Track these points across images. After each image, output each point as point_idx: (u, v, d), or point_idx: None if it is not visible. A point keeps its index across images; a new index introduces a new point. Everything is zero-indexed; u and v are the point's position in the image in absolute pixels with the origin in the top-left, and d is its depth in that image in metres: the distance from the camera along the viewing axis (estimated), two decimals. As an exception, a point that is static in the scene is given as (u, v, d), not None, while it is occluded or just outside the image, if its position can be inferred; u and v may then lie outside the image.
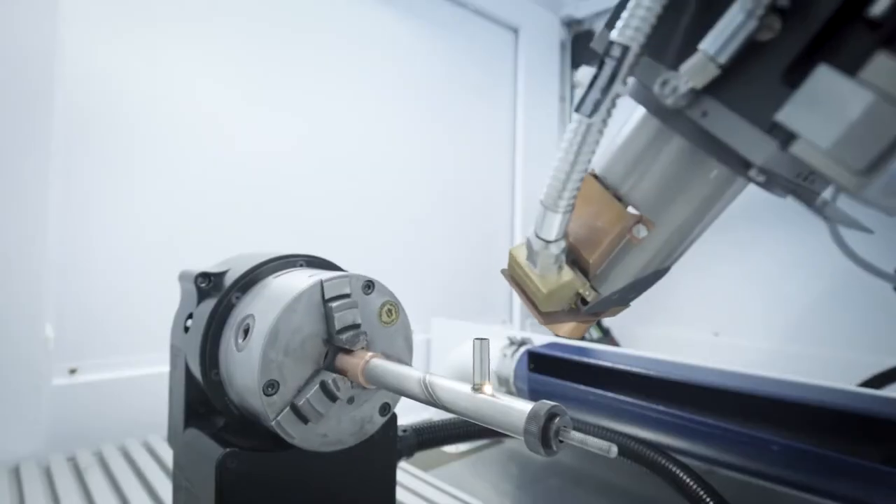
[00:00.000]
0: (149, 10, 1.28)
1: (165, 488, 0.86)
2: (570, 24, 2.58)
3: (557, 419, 0.35)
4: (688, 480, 0.82)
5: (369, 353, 0.49)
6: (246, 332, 0.51)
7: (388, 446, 0.59)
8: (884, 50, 0.23)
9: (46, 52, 1.04)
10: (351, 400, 0.52)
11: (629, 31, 0.28)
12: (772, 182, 0.30)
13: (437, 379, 0.43)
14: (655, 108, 0.31)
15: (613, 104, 0.29)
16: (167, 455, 1.00)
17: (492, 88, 2.05)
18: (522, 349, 1.29)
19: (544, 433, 0.35)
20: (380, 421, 0.55)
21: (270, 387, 0.48)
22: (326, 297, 0.50)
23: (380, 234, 1.69)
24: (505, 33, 2.10)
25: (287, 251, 0.61)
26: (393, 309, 0.55)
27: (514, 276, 0.38)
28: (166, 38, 1.31)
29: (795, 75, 0.26)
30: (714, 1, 0.28)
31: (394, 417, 0.58)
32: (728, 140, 0.28)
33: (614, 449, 0.32)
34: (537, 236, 0.34)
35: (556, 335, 0.38)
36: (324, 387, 0.49)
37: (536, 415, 0.35)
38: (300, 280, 0.52)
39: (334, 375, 0.49)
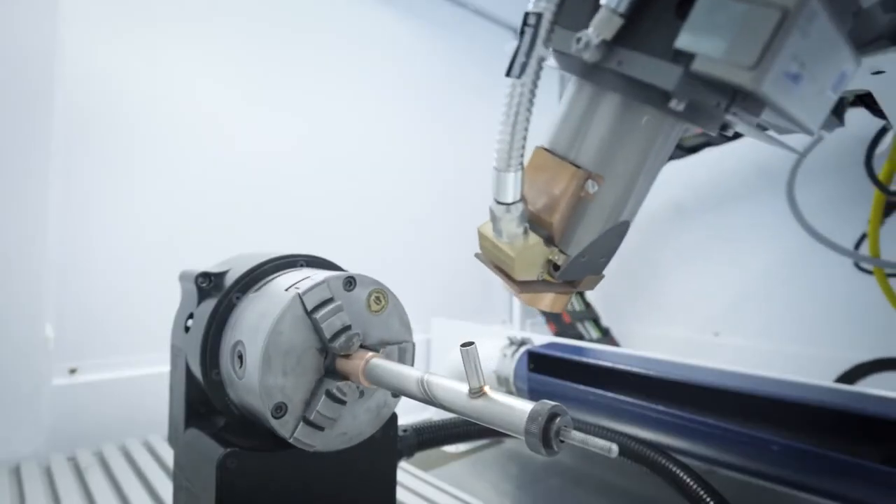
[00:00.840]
0: (149, 10, 1.28)
1: (166, 488, 0.86)
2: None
3: (558, 419, 0.35)
4: (688, 480, 0.82)
5: (368, 354, 0.49)
6: (240, 358, 0.51)
7: (389, 446, 0.59)
8: None
9: (46, 52, 1.04)
10: (361, 394, 0.52)
11: (542, 2, 0.33)
12: (694, 114, 0.33)
13: (435, 378, 0.43)
14: (581, 71, 0.35)
15: (540, 66, 0.33)
16: (168, 455, 1.00)
17: (492, 88, 2.05)
18: (522, 349, 1.29)
19: (545, 433, 0.35)
20: (394, 403, 0.55)
21: (278, 410, 0.48)
22: (308, 308, 0.49)
23: (380, 233, 1.69)
24: (505, 33, 2.11)
25: (287, 251, 0.61)
26: (380, 295, 0.54)
27: (486, 253, 0.39)
28: (166, 38, 1.31)
29: (685, 7, 0.31)
30: None
31: (394, 417, 0.58)
32: (643, 77, 0.32)
33: (615, 448, 0.32)
34: (497, 202, 0.36)
35: (539, 309, 0.37)
36: (330, 395, 0.49)
37: (537, 415, 0.35)
38: (279, 296, 0.50)
39: (338, 383, 0.49)
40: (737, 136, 0.46)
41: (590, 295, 2.41)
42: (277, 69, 1.49)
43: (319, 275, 0.51)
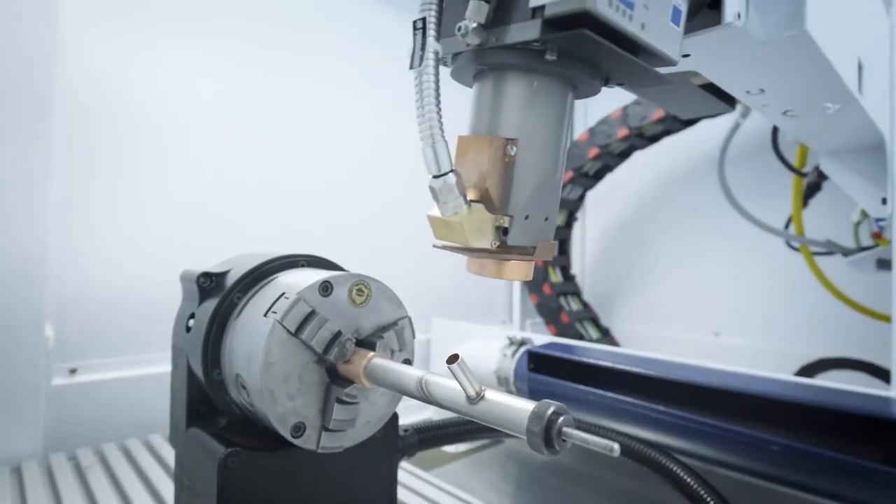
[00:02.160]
0: (149, 10, 1.28)
1: (167, 488, 0.86)
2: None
3: (560, 419, 0.35)
4: (688, 480, 0.82)
5: (368, 355, 0.49)
6: (245, 388, 0.51)
7: (389, 446, 0.59)
8: None
9: (47, 52, 1.04)
10: None
11: (425, 8, 0.40)
12: (567, 64, 0.39)
13: (435, 379, 0.43)
14: (474, 59, 0.40)
15: (436, 57, 0.40)
16: (169, 455, 1.00)
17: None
18: (522, 349, 1.29)
19: (547, 433, 0.35)
20: None
21: (297, 430, 0.49)
22: (292, 331, 0.48)
23: (380, 233, 1.69)
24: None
25: (288, 251, 0.61)
26: (362, 287, 0.53)
27: (441, 235, 0.41)
28: (166, 38, 1.31)
29: None
30: None
31: (395, 417, 0.58)
32: (514, 40, 0.37)
33: (616, 448, 0.33)
34: (433, 177, 0.39)
35: (506, 279, 0.41)
36: (340, 401, 0.49)
37: (539, 414, 0.36)
38: (260, 325, 0.50)
39: (345, 390, 0.50)
40: (689, 122, 0.50)
41: (590, 295, 2.41)
42: (277, 69, 1.49)
43: (293, 291, 0.50)
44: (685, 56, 0.57)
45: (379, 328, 0.54)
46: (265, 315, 0.50)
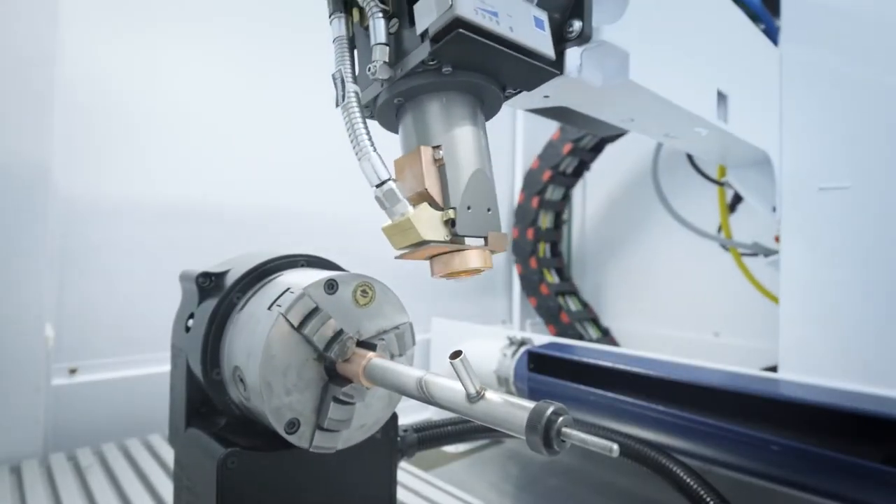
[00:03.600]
0: (149, 10, 1.28)
1: (166, 488, 0.86)
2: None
3: (559, 419, 0.35)
4: (688, 480, 0.82)
5: (368, 355, 0.49)
6: (242, 381, 0.51)
7: (389, 446, 0.59)
8: None
9: (47, 52, 1.04)
10: (369, 387, 0.52)
11: (338, 64, 0.48)
12: (463, 74, 0.46)
13: (435, 379, 0.43)
14: (389, 91, 0.46)
15: (356, 95, 0.46)
16: (168, 455, 1.00)
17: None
18: (522, 349, 1.29)
19: (546, 433, 0.35)
20: None
21: (291, 426, 0.48)
22: (295, 325, 0.48)
23: (381, 233, 1.69)
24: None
25: (287, 251, 0.61)
26: (366, 288, 0.53)
27: (397, 242, 0.44)
28: (167, 38, 1.31)
29: (411, 11, 0.45)
30: (361, 39, 0.49)
31: (394, 417, 0.58)
32: (414, 63, 0.43)
33: (616, 448, 0.32)
34: (376, 187, 0.44)
35: (469, 267, 0.44)
36: (337, 400, 0.49)
37: (539, 415, 0.35)
38: (264, 317, 0.50)
39: (343, 388, 0.49)
40: (614, 137, 0.61)
41: (590, 295, 2.41)
42: (277, 69, 1.49)
43: (299, 286, 0.50)
44: (545, 97, 0.71)
45: (380, 331, 0.53)
46: (269, 308, 0.50)
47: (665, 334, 2.10)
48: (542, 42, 0.47)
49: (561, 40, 0.52)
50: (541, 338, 1.37)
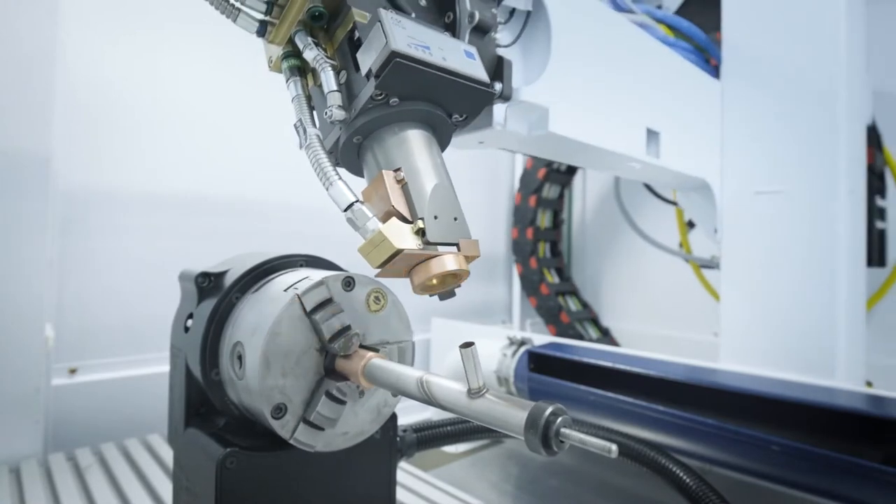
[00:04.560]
0: (149, 12, 1.28)
1: (166, 488, 0.86)
2: None
3: (558, 419, 0.35)
4: (688, 480, 0.82)
5: (368, 354, 0.49)
6: (240, 359, 0.51)
7: (388, 446, 0.59)
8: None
9: (47, 53, 1.04)
10: (361, 393, 0.52)
11: (298, 114, 0.53)
12: (411, 104, 0.50)
13: (435, 379, 0.43)
14: (347, 131, 0.51)
15: (317, 137, 0.51)
16: (167, 455, 1.00)
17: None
18: (522, 349, 1.29)
19: (545, 434, 0.35)
20: (394, 402, 0.55)
21: (278, 410, 0.48)
22: (308, 309, 0.49)
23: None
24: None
25: (287, 251, 0.61)
26: (379, 295, 0.53)
27: (374, 260, 0.45)
28: (167, 39, 1.31)
29: (354, 57, 0.51)
30: (317, 97, 0.54)
31: (394, 417, 0.58)
32: (363, 100, 0.48)
33: (615, 449, 0.32)
34: (345, 211, 0.47)
35: (448, 270, 0.46)
36: (330, 395, 0.49)
37: (537, 415, 0.35)
38: (278, 297, 0.50)
39: (338, 384, 0.49)
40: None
41: (590, 295, 2.41)
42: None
43: (318, 275, 0.51)
44: (480, 143, 0.83)
45: (383, 341, 0.53)
46: (285, 290, 0.51)
47: (665, 334, 2.10)
48: (474, 69, 0.52)
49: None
50: (541, 338, 1.37)
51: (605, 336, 2.25)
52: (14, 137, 1.00)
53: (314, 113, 0.54)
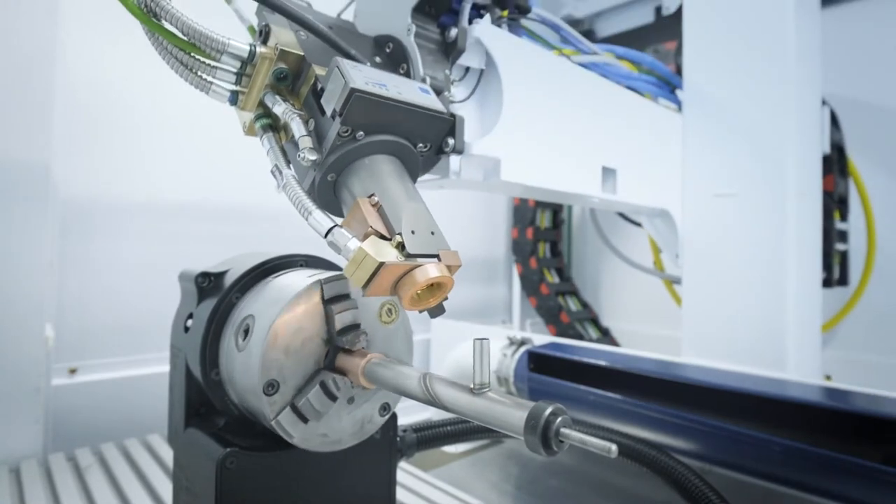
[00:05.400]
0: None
1: (166, 488, 0.86)
2: (570, 23, 2.58)
3: (558, 419, 0.35)
4: (687, 480, 0.82)
5: (370, 353, 0.49)
6: (246, 332, 0.51)
7: (388, 446, 0.59)
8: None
9: (47, 54, 1.04)
10: (351, 400, 0.52)
11: (272, 160, 0.56)
12: (378, 138, 0.53)
13: (437, 379, 0.43)
14: (320, 171, 0.53)
15: (293, 178, 0.54)
16: (167, 455, 1.00)
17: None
18: (522, 349, 1.29)
19: (545, 434, 0.35)
20: (380, 421, 0.55)
21: (270, 386, 0.48)
22: (326, 297, 0.50)
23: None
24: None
25: (287, 251, 0.61)
26: (393, 308, 0.55)
27: (358, 279, 0.46)
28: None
29: (319, 98, 0.54)
30: (290, 149, 0.57)
31: (394, 417, 0.58)
32: (332, 139, 0.52)
33: (614, 449, 0.32)
34: (325, 236, 0.49)
35: (431, 278, 0.46)
36: (324, 386, 0.49)
37: (537, 415, 0.35)
38: (300, 280, 0.52)
39: (334, 375, 0.49)
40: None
41: (590, 295, 2.41)
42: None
43: (341, 273, 0.52)
44: (441, 188, 0.92)
45: (385, 355, 0.54)
46: (309, 277, 0.52)
47: (665, 334, 2.10)
48: (430, 100, 0.56)
49: (440, 152, 0.62)
50: (541, 338, 1.37)
51: (605, 336, 2.25)
52: (14, 138, 1.00)
53: (289, 163, 0.57)
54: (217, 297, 0.56)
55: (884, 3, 1.82)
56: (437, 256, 0.48)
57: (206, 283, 0.58)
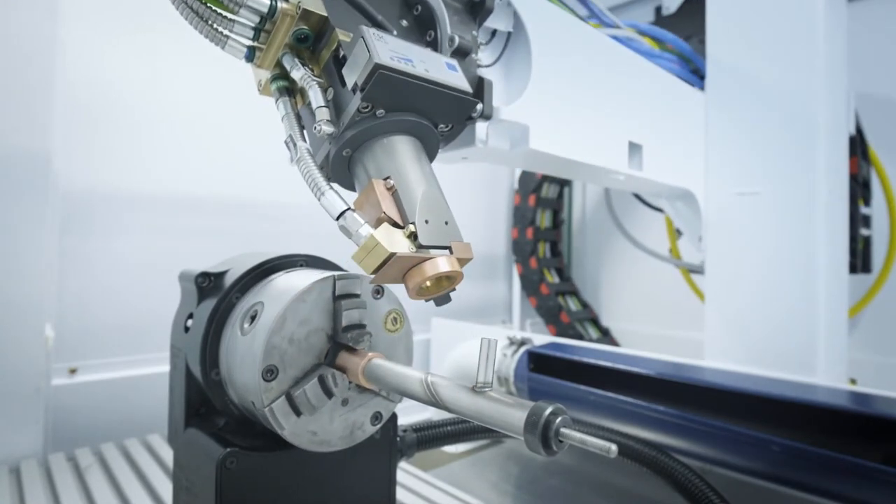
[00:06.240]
0: (149, 11, 1.28)
1: (166, 488, 0.86)
2: (570, 23, 2.58)
3: (558, 419, 0.35)
4: (687, 480, 0.82)
5: (371, 354, 0.49)
6: (253, 317, 0.52)
7: (388, 446, 0.59)
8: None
9: (47, 53, 1.04)
10: (345, 402, 0.52)
11: (287, 130, 0.55)
12: (395, 118, 0.51)
13: (438, 379, 0.43)
14: (336, 145, 0.52)
15: (307, 152, 0.52)
16: (167, 455, 1.00)
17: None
18: (522, 349, 1.29)
19: (544, 434, 0.35)
20: (370, 429, 0.54)
21: (269, 372, 0.48)
22: (337, 293, 0.51)
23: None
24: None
25: (287, 251, 0.61)
26: (398, 317, 0.55)
27: (367, 266, 0.45)
28: (167, 40, 1.31)
29: (341, 73, 0.52)
30: (306, 116, 0.56)
31: (394, 417, 0.58)
32: (351, 113, 0.50)
33: (614, 448, 0.32)
34: (337, 219, 0.48)
35: (441, 271, 0.46)
36: (322, 381, 0.49)
37: (536, 415, 0.35)
38: (312, 275, 0.52)
39: (334, 371, 0.49)
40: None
41: (590, 295, 2.41)
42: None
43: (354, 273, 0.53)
44: (464, 158, 0.87)
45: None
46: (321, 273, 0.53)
47: (665, 334, 2.10)
48: (456, 80, 0.54)
49: (467, 119, 0.60)
50: (541, 338, 1.37)
51: (605, 336, 2.25)
52: (14, 137, 1.00)
53: (304, 131, 0.56)
54: (217, 297, 0.56)
55: (885, 1, 1.82)
56: (448, 248, 0.48)
57: (206, 283, 0.58)
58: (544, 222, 2.29)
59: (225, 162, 1.40)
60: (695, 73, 1.34)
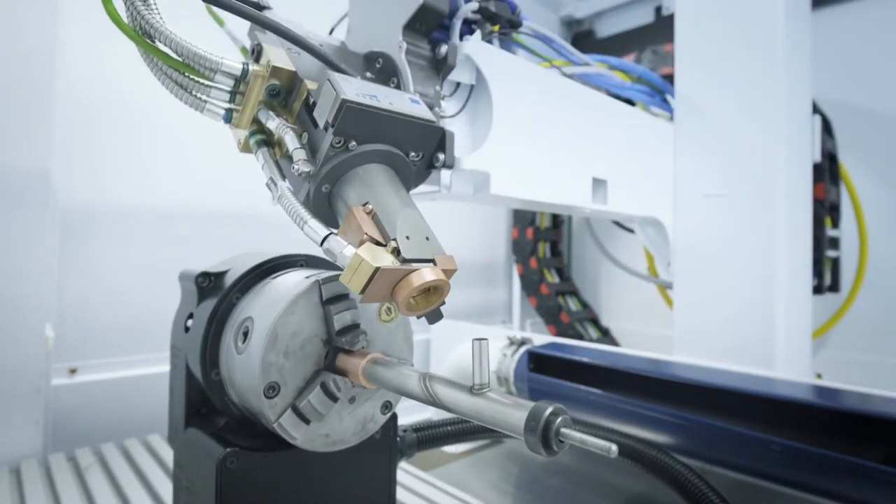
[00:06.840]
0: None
1: (166, 488, 0.86)
2: (569, 23, 2.59)
3: (558, 419, 0.35)
4: (687, 480, 0.82)
5: (370, 353, 0.49)
6: (245, 334, 0.51)
7: (388, 446, 0.59)
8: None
9: (47, 53, 1.04)
10: (352, 399, 0.52)
11: (267, 174, 0.57)
12: (367, 149, 0.54)
13: (437, 379, 0.43)
14: (313, 182, 0.54)
15: (289, 191, 0.54)
16: (167, 455, 1.00)
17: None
18: (522, 349, 1.29)
19: (545, 434, 0.35)
20: (381, 419, 0.55)
21: (271, 389, 0.48)
22: (325, 298, 0.50)
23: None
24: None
25: (287, 251, 0.61)
26: (392, 307, 0.54)
27: (355, 285, 0.46)
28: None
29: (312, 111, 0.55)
30: (285, 164, 0.57)
31: (394, 417, 0.58)
32: (325, 150, 0.53)
33: (614, 448, 0.32)
34: (321, 244, 0.49)
35: (428, 281, 0.46)
36: (324, 387, 0.49)
37: (537, 415, 0.35)
38: (298, 281, 0.52)
39: (335, 376, 0.49)
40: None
41: (590, 295, 2.41)
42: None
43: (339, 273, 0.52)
44: (433, 199, 0.94)
45: (385, 354, 0.54)
46: (307, 278, 0.52)
47: (665, 334, 2.10)
48: (420, 111, 0.57)
49: (430, 166, 0.64)
50: (541, 338, 1.37)
51: (605, 336, 2.25)
52: (14, 137, 1.00)
53: (284, 176, 0.58)
54: (217, 297, 0.56)
55: (880, 4, 1.83)
56: (432, 261, 0.49)
57: (207, 283, 0.58)
58: (544, 222, 2.29)
59: (225, 165, 1.40)
60: (666, 103, 1.39)
